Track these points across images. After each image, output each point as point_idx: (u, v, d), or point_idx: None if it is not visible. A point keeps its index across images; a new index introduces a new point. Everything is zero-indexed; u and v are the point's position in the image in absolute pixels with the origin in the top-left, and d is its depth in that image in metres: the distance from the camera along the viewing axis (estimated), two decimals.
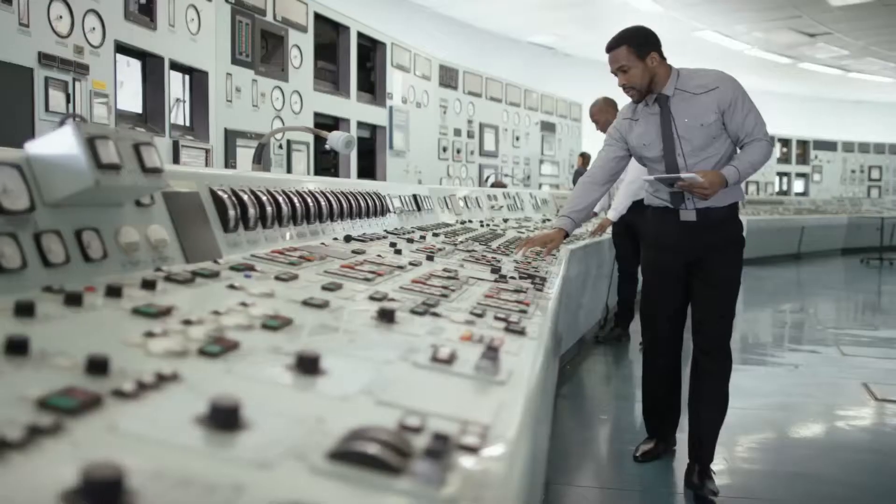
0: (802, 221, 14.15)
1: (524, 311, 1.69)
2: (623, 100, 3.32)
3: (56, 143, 1.29)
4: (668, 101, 3.03)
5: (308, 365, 0.97)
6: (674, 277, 3.15)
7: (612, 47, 3.02)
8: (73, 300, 1.12)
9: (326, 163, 6.65)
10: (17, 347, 0.86)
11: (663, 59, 3.05)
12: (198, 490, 0.61)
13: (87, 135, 1.29)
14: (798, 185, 17.80)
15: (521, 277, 2.30)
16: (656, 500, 3.07)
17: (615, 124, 3.26)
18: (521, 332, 1.45)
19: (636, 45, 2.98)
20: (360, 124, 7.20)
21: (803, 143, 17.61)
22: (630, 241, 5.37)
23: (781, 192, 17.33)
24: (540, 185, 11.33)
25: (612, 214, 5.36)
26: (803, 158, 17.72)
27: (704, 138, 2.98)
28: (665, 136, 3.05)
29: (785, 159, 17.44)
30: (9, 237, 1.15)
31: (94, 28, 4.05)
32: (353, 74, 7.00)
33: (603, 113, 5.44)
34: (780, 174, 17.46)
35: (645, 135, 3.12)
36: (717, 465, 3.10)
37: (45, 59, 3.70)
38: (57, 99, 3.79)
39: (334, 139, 2.46)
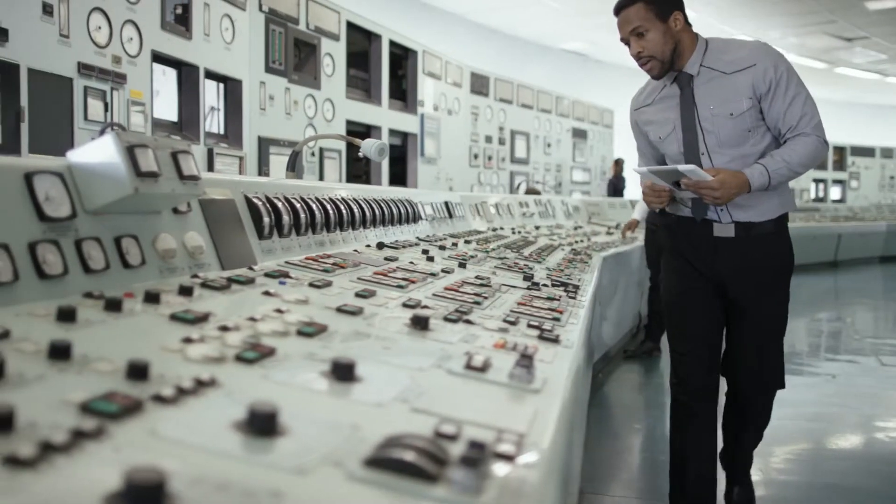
0: (839, 229, 13.90)
1: (557, 319, 1.68)
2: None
3: (97, 152, 1.31)
4: (692, 82, 2.37)
5: (343, 372, 0.98)
6: (705, 308, 2.50)
7: (624, 4, 2.31)
8: (113, 306, 1.13)
9: (358, 170, 6.69)
10: (60, 352, 0.88)
11: (689, 24, 2.37)
12: (236, 495, 0.61)
13: (126, 143, 1.32)
14: (835, 192, 17.51)
15: (553, 285, 2.29)
16: None
17: (631, 117, 2.63)
18: (555, 341, 1.44)
19: (656, 0, 2.30)
20: (392, 132, 7.24)
21: (840, 150, 17.33)
22: (652, 245, 5.31)
23: (818, 200, 17.05)
24: (571, 193, 11.28)
25: (638, 213, 5.30)
26: (840, 165, 17.43)
27: (735, 132, 2.34)
28: (686, 128, 2.40)
29: (821, 166, 17.17)
30: (51, 244, 1.18)
31: (131, 38, 4.13)
32: (385, 82, 7.04)
33: None
34: (817, 181, 17.18)
35: (661, 126, 2.47)
36: (753, 476, 3.06)
37: (85, 69, 3.77)
38: (95, 108, 3.86)
39: (367, 147, 2.48)
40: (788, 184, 2.46)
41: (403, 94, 7.62)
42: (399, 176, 7.54)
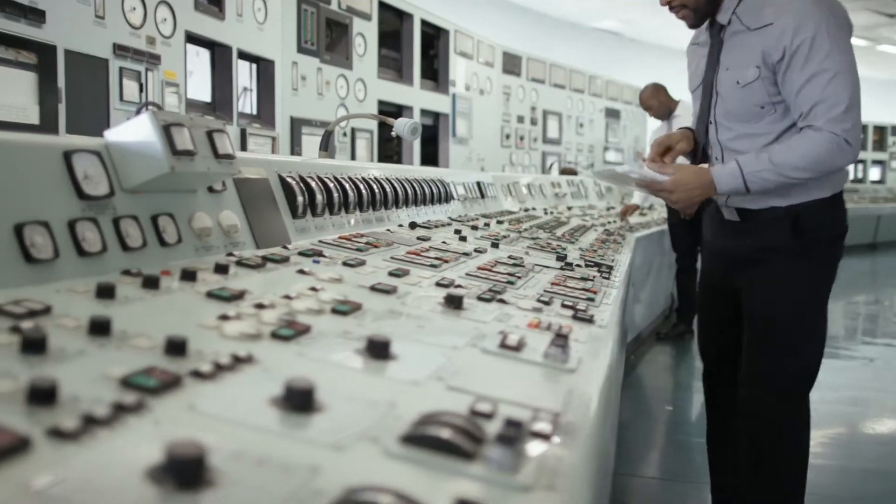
0: (879, 210, 13.62)
1: (591, 300, 1.67)
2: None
3: (133, 131, 1.33)
4: (722, 33, 2.04)
5: (378, 349, 0.98)
6: (719, 294, 2.28)
7: None
8: (151, 283, 1.15)
9: (389, 150, 6.69)
10: (100, 328, 0.89)
11: None
12: (275, 470, 0.62)
13: (163, 122, 1.33)
14: (874, 173, 17.13)
15: (587, 265, 2.27)
16: None
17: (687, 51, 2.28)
18: (590, 321, 1.43)
19: None
20: (424, 112, 7.22)
21: (880, 129, 16.92)
22: (686, 229, 5.21)
23: (856, 181, 16.71)
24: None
25: (638, 198, 5.20)
26: (880, 145, 17.03)
27: (743, 106, 2.00)
28: (704, 88, 2.12)
29: (861, 146, 16.79)
30: (90, 222, 1.19)
31: (165, 19, 4.15)
32: (417, 62, 7.01)
33: (654, 97, 5.26)
34: (856, 161, 16.84)
35: (693, 77, 2.22)
36: None
37: (120, 49, 3.80)
38: (131, 89, 3.90)
39: (400, 126, 2.47)
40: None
41: (435, 74, 7.58)
42: (430, 156, 7.52)
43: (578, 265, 2.24)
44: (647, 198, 5.29)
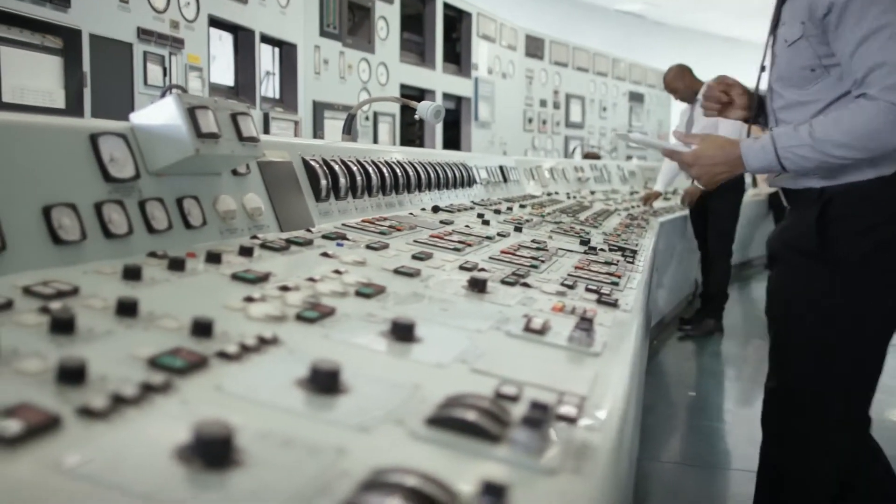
0: None
1: (616, 284, 1.66)
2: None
3: (159, 114, 1.33)
4: None
5: (403, 332, 0.98)
6: None
7: None
8: (177, 265, 1.15)
9: (411, 134, 6.67)
10: (128, 309, 0.90)
11: None
12: (301, 451, 0.62)
13: (187, 105, 1.33)
14: None
15: (610, 249, 2.25)
16: (749, 480, 2.99)
17: None
18: (614, 305, 1.42)
19: None
20: (446, 96, 7.19)
21: None
22: (695, 214, 5.11)
23: None
24: (628, 158, 11.10)
25: (660, 184, 5.10)
26: None
27: (791, 68, 1.72)
28: (767, 47, 1.86)
29: None
30: (116, 204, 1.20)
31: (188, 3, 4.16)
32: (439, 45, 6.97)
33: (679, 79, 5.11)
34: None
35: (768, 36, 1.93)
36: None
37: (144, 34, 3.82)
38: (155, 73, 3.91)
39: (423, 109, 2.46)
40: None
41: (457, 57, 7.54)
42: (453, 140, 7.50)
43: (602, 249, 2.22)
44: (670, 182, 5.20)
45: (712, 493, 2.87)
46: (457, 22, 7.49)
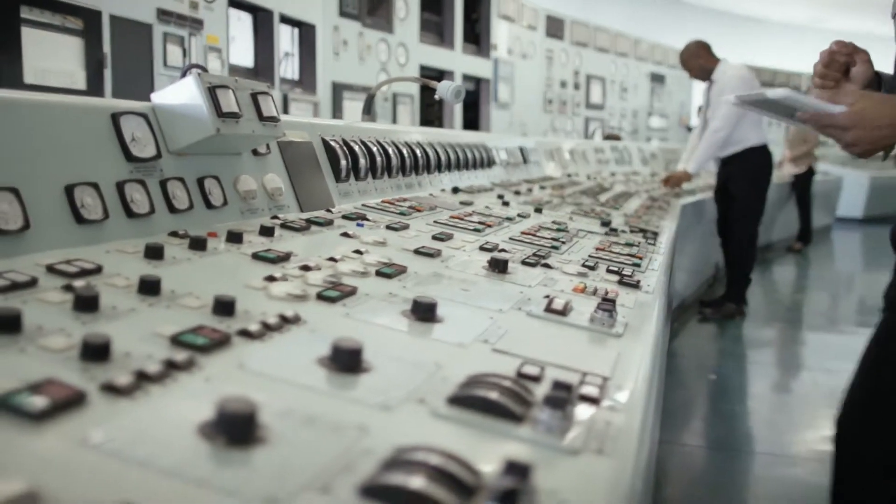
0: None
1: (637, 265, 1.64)
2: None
3: (179, 93, 1.33)
4: None
5: (424, 311, 0.97)
6: None
7: None
8: (198, 245, 1.16)
9: (431, 115, 6.65)
10: (150, 287, 0.90)
11: None
12: (324, 428, 0.62)
13: (208, 84, 1.33)
14: None
15: (632, 231, 2.24)
16: (770, 463, 2.98)
17: None
18: (636, 286, 1.41)
19: None
20: (465, 77, 7.15)
21: None
22: (721, 200, 4.97)
23: None
24: (648, 139, 11.00)
25: (692, 167, 4.96)
26: None
27: None
28: None
29: None
30: (138, 184, 1.20)
31: None
32: (459, 26, 6.93)
33: (696, 58, 4.91)
34: None
35: None
36: None
37: (163, 14, 3.82)
38: (174, 54, 3.92)
39: (443, 88, 2.44)
40: None
41: (477, 38, 7.50)
42: (472, 122, 7.47)
43: (623, 231, 2.21)
44: (705, 162, 5.04)
45: (733, 476, 2.86)
46: (476, 2, 7.43)
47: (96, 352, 0.68)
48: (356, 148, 1.95)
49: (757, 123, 4.75)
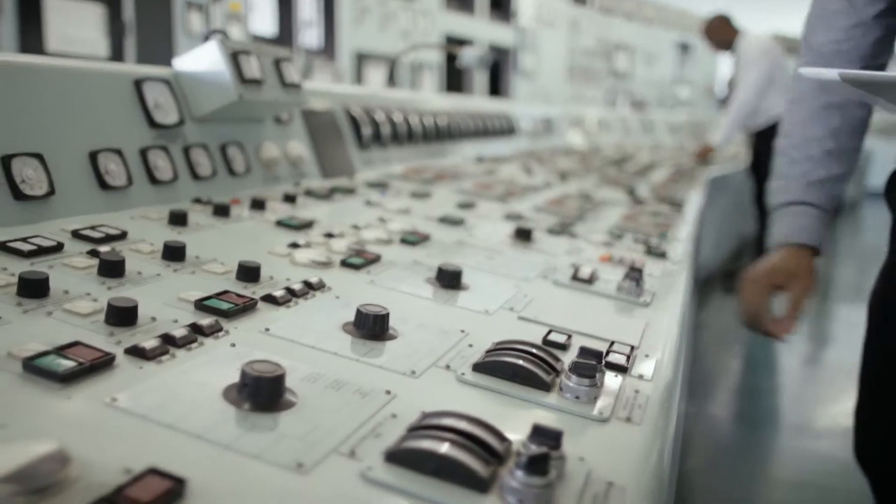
0: None
1: (664, 235, 1.62)
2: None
3: (202, 59, 1.32)
4: None
5: (449, 279, 0.97)
6: None
7: None
8: (221, 211, 1.15)
9: (454, 84, 6.59)
10: (175, 253, 0.90)
11: None
12: (350, 394, 0.61)
13: (231, 50, 1.31)
14: None
15: (658, 201, 2.21)
16: (795, 436, 2.96)
17: None
18: (663, 256, 1.39)
19: None
20: (489, 46, 7.06)
21: None
22: (755, 173, 4.88)
23: None
24: (673, 107, 10.84)
25: (717, 139, 4.83)
26: None
27: None
28: None
29: None
30: (162, 150, 1.20)
31: None
32: None
33: (717, 31, 4.79)
34: None
35: None
36: None
37: None
38: (195, 21, 3.91)
39: (468, 56, 2.41)
40: None
41: (501, 5, 7.40)
42: (495, 91, 7.40)
43: (649, 201, 2.18)
44: (733, 137, 4.91)
45: (757, 448, 2.85)
46: None
47: (122, 316, 0.68)
48: (378, 116, 1.93)
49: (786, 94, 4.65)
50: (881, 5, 1.11)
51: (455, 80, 6.55)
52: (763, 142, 4.73)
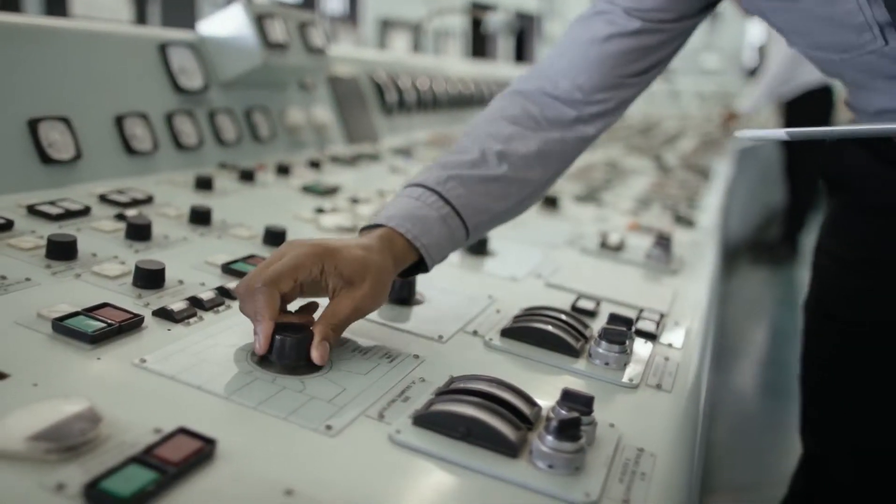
0: None
1: (691, 204, 1.60)
2: None
3: (226, 23, 1.30)
4: None
5: (476, 245, 0.96)
6: None
7: None
8: (247, 176, 1.15)
9: (479, 50, 6.52)
10: (201, 217, 0.90)
11: None
12: (378, 356, 0.61)
13: (255, 13, 1.30)
14: None
15: (686, 170, 2.18)
16: None
17: None
18: (690, 223, 1.37)
19: None
20: (515, 13, 6.97)
21: None
22: (786, 143, 4.79)
23: None
24: (702, 76, 10.65)
25: (745, 106, 4.68)
26: None
27: None
28: None
29: None
30: (187, 115, 1.19)
31: None
32: None
33: None
34: None
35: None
36: None
37: None
38: None
39: (493, 22, 2.38)
40: None
41: None
42: (521, 58, 7.31)
43: (677, 169, 2.15)
44: (755, 106, 4.77)
45: (782, 420, 2.83)
46: None
47: (150, 278, 0.68)
48: (403, 82, 1.91)
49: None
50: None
51: (479, 46, 6.48)
52: (795, 111, 4.64)
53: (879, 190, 0.84)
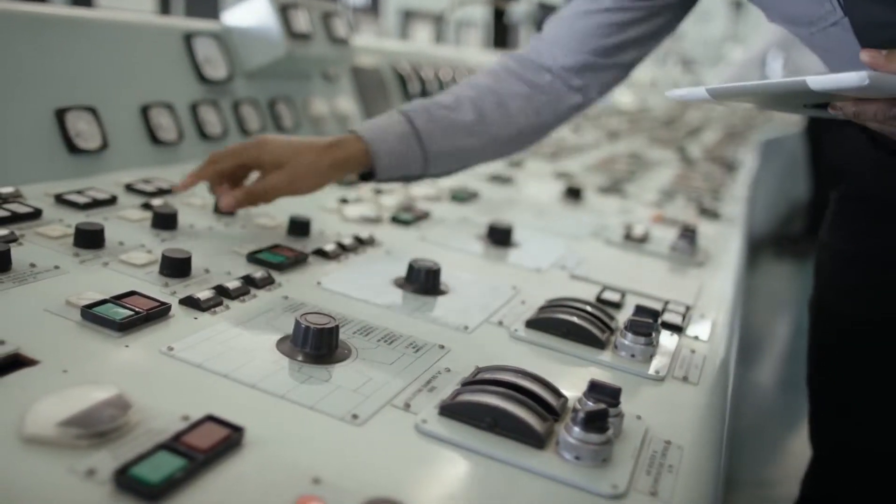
0: None
1: (716, 196, 1.58)
2: None
3: (251, 13, 1.31)
4: None
5: (500, 236, 0.95)
6: None
7: None
8: None
9: (502, 42, 6.48)
10: None
11: None
12: (404, 346, 0.61)
13: (279, 4, 1.30)
14: None
15: (710, 162, 2.15)
16: None
17: None
18: (715, 216, 1.36)
19: None
20: (537, 2, 6.93)
21: None
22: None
23: None
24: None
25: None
26: None
27: None
28: None
29: None
30: (211, 105, 1.20)
31: None
32: None
33: None
34: None
35: None
36: None
37: None
38: None
39: (517, 12, 2.36)
40: None
41: None
42: None
43: (701, 162, 2.13)
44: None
45: (804, 416, 2.81)
46: None
47: (177, 267, 0.68)
48: (425, 73, 1.91)
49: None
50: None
51: (502, 37, 6.45)
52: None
53: (878, 175, 0.84)
